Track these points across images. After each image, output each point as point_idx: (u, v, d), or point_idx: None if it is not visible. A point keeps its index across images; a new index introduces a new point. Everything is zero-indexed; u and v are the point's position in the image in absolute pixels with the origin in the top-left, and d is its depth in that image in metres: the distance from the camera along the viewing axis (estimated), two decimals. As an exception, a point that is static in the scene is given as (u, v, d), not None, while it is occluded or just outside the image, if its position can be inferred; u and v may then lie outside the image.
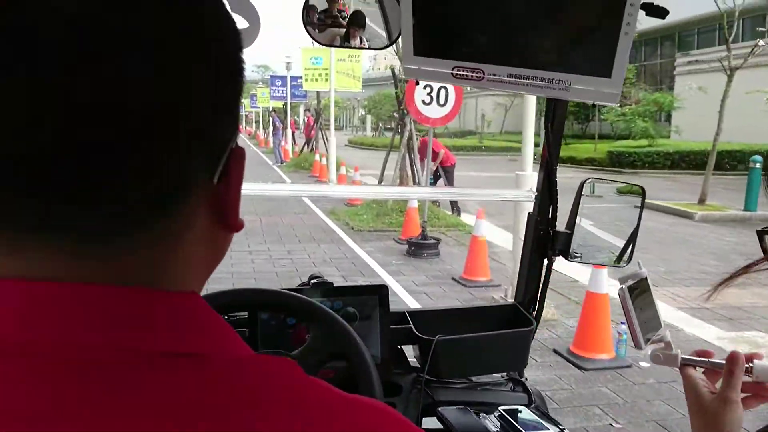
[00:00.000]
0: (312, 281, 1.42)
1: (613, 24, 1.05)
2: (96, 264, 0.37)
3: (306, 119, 26.86)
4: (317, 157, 18.86)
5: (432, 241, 8.51)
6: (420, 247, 8.39)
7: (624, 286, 1.11)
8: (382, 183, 13.08)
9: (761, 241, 0.79)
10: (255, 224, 9.90)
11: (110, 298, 0.37)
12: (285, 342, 1.35)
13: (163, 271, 0.40)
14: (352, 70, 15.50)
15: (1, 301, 0.36)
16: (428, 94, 7.96)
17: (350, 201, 11.88)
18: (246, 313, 1.34)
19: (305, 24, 1.37)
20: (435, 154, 10.59)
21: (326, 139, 19.23)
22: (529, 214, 1.59)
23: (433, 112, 8.09)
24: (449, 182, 11.80)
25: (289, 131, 27.08)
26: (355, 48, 1.36)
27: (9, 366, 0.35)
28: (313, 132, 23.36)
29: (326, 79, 16.43)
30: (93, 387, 0.35)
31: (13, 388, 0.34)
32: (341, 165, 15.78)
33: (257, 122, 49.52)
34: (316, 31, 1.37)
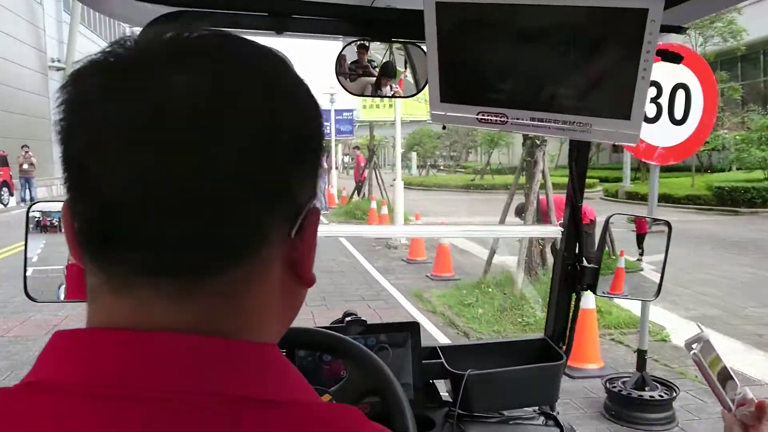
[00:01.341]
0: (347, 318, 1.48)
1: (630, 69, 1.10)
2: (189, 303, 0.44)
3: (355, 159, 22.56)
4: (373, 204, 15.57)
5: (659, 395, 4.23)
6: (632, 406, 4.23)
7: (696, 352, 1.11)
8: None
9: None
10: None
11: (204, 347, 0.43)
12: (320, 378, 1.40)
13: (245, 316, 0.46)
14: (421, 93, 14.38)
15: (109, 349, 0.43)
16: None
17: (436, 271, 9.14)
18: (284, 350, 1.39)
19: (337, 74, 1.45)
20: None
21: (380, 180, 17.78)
22: (554, 248, 1.63)
23: (662, 135, 4.01)
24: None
25: (334, 172, 23.97)
26: (385, 97, 1.44)
27: (116, 408, 0.40)
28: (364, 174, 19.86)
29: (390, 105, 15.36)
30: (196, 428, 0.40)
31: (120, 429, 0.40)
32: (415, 217, 12.98)
33: None
34: (348, 80, 1.45)
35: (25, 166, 22.01)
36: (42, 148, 26.71)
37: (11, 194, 21.80)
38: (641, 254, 5.61)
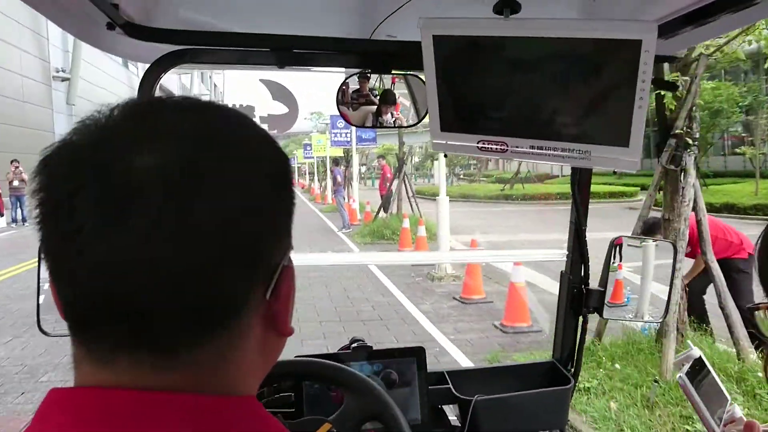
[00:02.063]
0: (353, 344, 1.48)
1: (627, 98, 1.11)
2: (169, 373, 0.45)
3: (380, 169, 20.35)
4: (406, 222, 12.98)
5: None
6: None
7: (682, 375, 1.11)
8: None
9: (752, 318, 0.80)
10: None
11: (183, 402, 0.45)
12: (328, 404, 1.40)
13: (227, 377, 0.48)
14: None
15: (88, 407, 0.44)
16: None
17: (508, 319, 6.77)
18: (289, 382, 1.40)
19: (338, 104, 1.47)
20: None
21: (411, 193, 16.19)
22: (561, 272, 1.63)
23: None
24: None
25: (356, 185, 22.02)
26: (386, 127, 1.45)
27: None
28: (391, 187, 17.47)
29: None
30: None
31: None
32: (471, 244, 10.49)
33: (311, 174, 45.58)
34: (350, 110, 1.47)
35: (16, 183, 19.70)
36: (44, 163, 26.74)
37: (1, 214, 19.87)
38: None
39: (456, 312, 7.65)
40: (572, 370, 1.64)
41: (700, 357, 1.13)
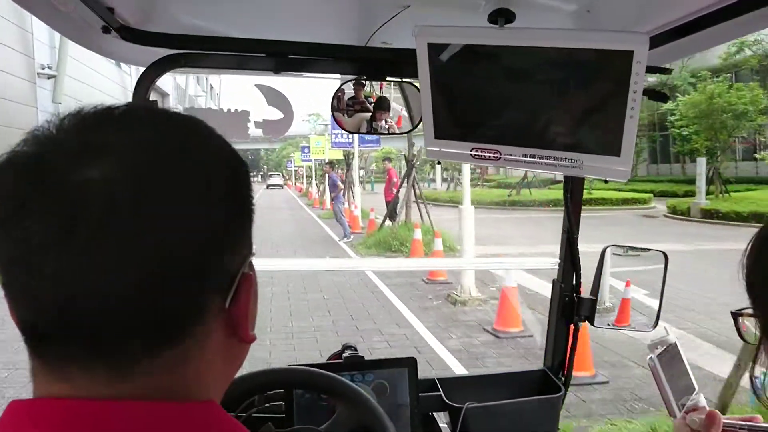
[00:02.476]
0: (345, 353, 1.48)
1: (619, 108, 1.12)
2: (126, 384, 0.45)
3: (386, 173, 18.04)
4: (417, 233, 11.49)
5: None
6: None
7: (653, 356, 1.13)
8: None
9: (735, 322, 0.82)
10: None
11: (140, 410, 0.45)
12: (319, 413, 1.40)
13: (186, 384, 0.48)
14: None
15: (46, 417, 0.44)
16: None
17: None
18: (279, 390, 1.40)
19: (333, 110, 1.48)
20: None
21: (421, 200, 14.59)
22: (553, 280, 1.64)
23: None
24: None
25: (357, 189, 20.56)
26: (381, 134, 1.46)
27: None
28: (397, 193, 15.79)
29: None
30: None
31: None
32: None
33: (308, 177, 43.67)
34: (345, 116, 1.48)
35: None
36: (27, 165, 25.35)
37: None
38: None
39: (493, 350, 6.26)
40: (563, 378, 1.64)
41: (675, 344, 1.16)
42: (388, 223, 15.79)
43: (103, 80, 30.36)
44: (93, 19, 1.09)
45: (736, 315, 0.81)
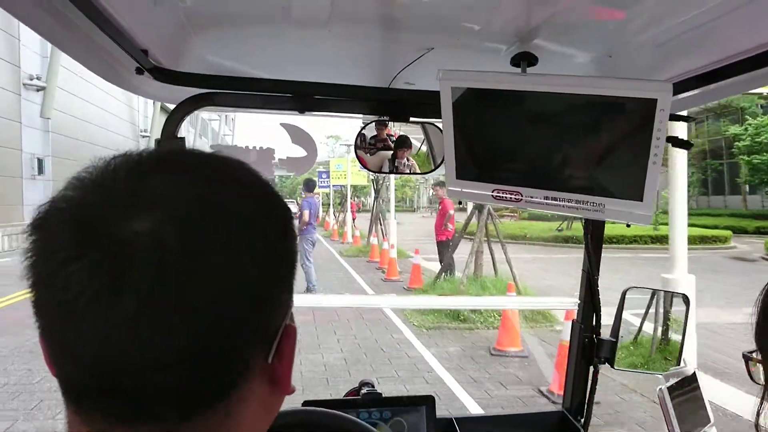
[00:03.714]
0: (363, 389, 1.48)
1: (642, 154, 1.13)
2: None
3: (439, 204, 13.23)
4: (512, 301, 7.34)
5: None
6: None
7: (663, 387, 1.14)
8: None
9: (746, 365, 0.83)
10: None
11: None
12: None
13: None
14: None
15: None
16: None
17: None
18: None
19: (356, 149, 1.50)
20: None
21: (494, 238, 10.03)
22: (573, 321, 1.63)
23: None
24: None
25: (393, 221, 17.28)
26: (402, 174, 1.48)
27: None
28: (452, 230, 12.02)
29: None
30: None
31: None
32: None
33: (326, 205, 39.03)
34: (368, 155, 1.50)
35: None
36: (9, 185, 21.23)
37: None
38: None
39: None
40: (582, 420, 1.62)
41: (694, 374, 1.16)
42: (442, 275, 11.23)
43: (98, 94, 26.97)
44: (127, 60, 1.13)
45: (746, 357, 0.82)
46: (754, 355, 0.80)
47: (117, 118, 33.19)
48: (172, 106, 1.36)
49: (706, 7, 0.95)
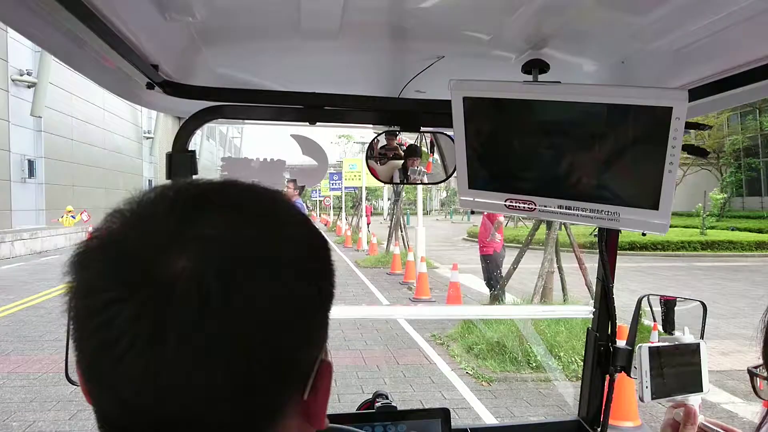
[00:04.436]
0: (377, 401, 1.47)
1: (657, 162, 1.12)
2: None
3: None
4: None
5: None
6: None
7: (644, 345, 1.26)
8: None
9: (751, 380, 0.83)
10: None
11: None
12: None
13: None
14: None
15: None
16: None
17: None
18: None
19: (367, 158, 1.50)
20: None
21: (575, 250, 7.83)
22: (588, 329, 1.61)
23: None
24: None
25: (421, 231, 14.17)
26: (413, 184, 1.47)
27: None
28: (499, 240, 9.72)
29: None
30: None
31: None
32: None
33: (337, 208, 37.14)
34: (378, 164, 1.49)
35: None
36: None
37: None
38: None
39: None
40: (599, 429, 1.60)
41: (698, 345, 1.27)
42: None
43: (97, 91, 24.96)
44: (138, 76, 1.13)
45: (752, 373, 0.82)
46: (758, 370, 0.80)
47: (117, 118, 32.42)
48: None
49: (720, 15, 0.94)
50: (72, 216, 24.27)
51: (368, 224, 24.10)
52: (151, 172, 40.61)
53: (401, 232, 16.95)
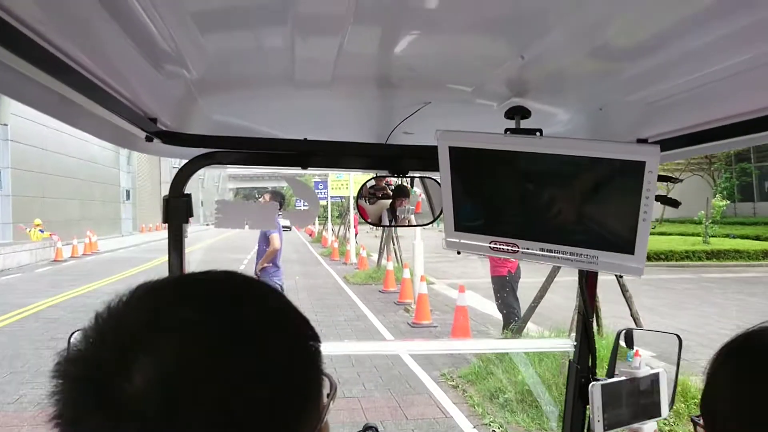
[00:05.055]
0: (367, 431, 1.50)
1: (632, 212, 1.18)
2: None
3: None
4: None
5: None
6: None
7: (597, 383, 1.36)
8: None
9: (694, 429, 0.83)
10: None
11: None
12: None
13: None
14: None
15: None
16: None
17: None
18: None
19: (358, 197, 1.55)
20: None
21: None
22: (569, 362, 1.67)
23: None
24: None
25: (419, 244, 12.74)
26: (401, 226, 1.52)
27: None
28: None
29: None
30: None
31: None
32: None
33: (324, 218, 35.71)
34: (368, 204, 1.55)
35: None
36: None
37: None
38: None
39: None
40: None
41: (658, 375, 1.37)
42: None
43: None
44: (137, 131, 1.17)
45: (694, 422, 0.83)
46: (700, 420, 0.80)
47: (93, 126, 31.94)
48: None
49: (694, 75, 1.00)
50: (40, 230, 23.71)
51: (356, 235, 23.16)
52: (129, 182, 39.90)
53: (393, 244, 15.97)
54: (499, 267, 8.37)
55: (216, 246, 30.50)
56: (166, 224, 1.32)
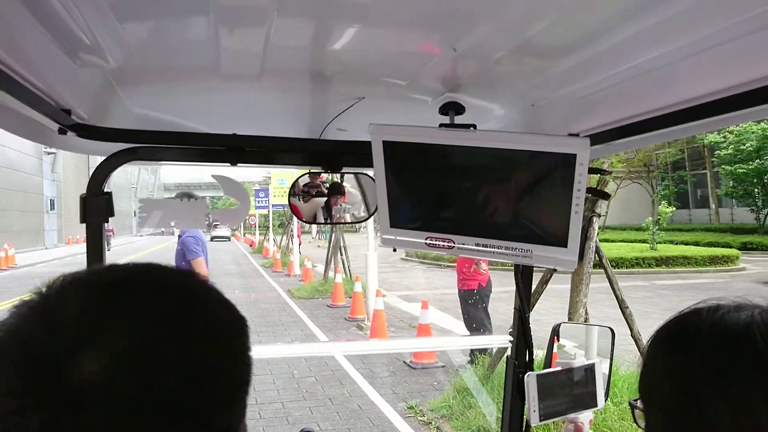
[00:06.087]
0: None
1: (564, 204, 1.19)
2: None
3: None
4: None
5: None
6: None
7: (532, 373, 1.38)
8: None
9: (632, 412, 0.84)
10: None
11: None
12: None
13: None
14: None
15: None
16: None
17: None
18: None
19: (290, 196, 1.50)
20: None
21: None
22: (507, 357, 1.67)
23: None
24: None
25: (373, 255, 11.28)
26: (336, 223, 1.49)
27: None
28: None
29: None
30: None
31: None
32: None
33: (264, 228, 35.16)
34: (301, 202, 1.50)
35: None
36: None
37: None
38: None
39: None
40: None
41: (593, 366, 1.42)
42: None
43: None
44: (49, 122, 1.09)
45: (632, 405, 0.84)
46: (638, 403, 0.81)
47: (10, 130, 30.67)
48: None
49: (621, 68, 1.02)
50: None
51: (299, 245, 22.59)
52: (54, 191, 38.16)
53: (341, 255, 15.16)
54: (469, 280, 7.51)
55: (147, 260, 29.51)
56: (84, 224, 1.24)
